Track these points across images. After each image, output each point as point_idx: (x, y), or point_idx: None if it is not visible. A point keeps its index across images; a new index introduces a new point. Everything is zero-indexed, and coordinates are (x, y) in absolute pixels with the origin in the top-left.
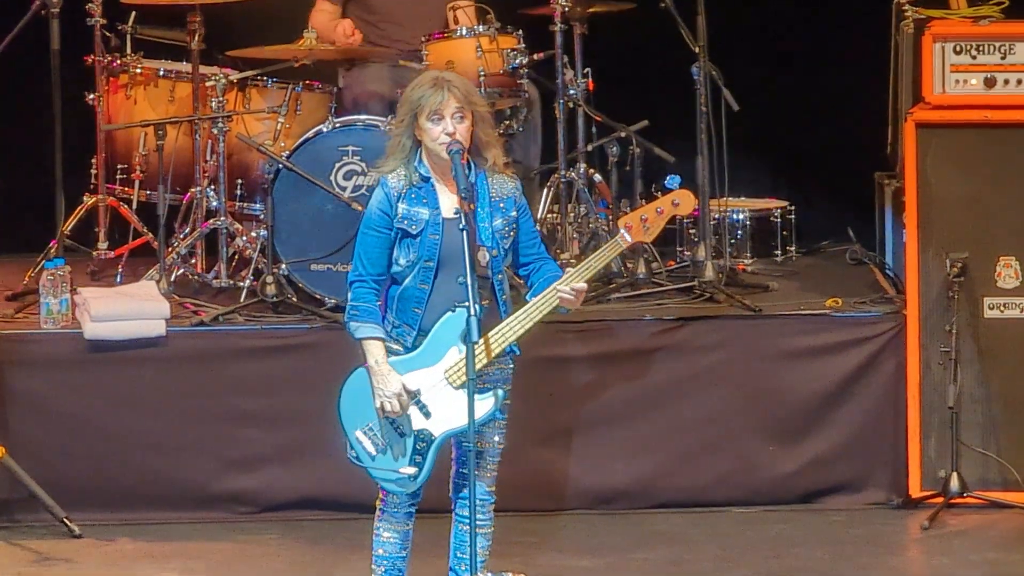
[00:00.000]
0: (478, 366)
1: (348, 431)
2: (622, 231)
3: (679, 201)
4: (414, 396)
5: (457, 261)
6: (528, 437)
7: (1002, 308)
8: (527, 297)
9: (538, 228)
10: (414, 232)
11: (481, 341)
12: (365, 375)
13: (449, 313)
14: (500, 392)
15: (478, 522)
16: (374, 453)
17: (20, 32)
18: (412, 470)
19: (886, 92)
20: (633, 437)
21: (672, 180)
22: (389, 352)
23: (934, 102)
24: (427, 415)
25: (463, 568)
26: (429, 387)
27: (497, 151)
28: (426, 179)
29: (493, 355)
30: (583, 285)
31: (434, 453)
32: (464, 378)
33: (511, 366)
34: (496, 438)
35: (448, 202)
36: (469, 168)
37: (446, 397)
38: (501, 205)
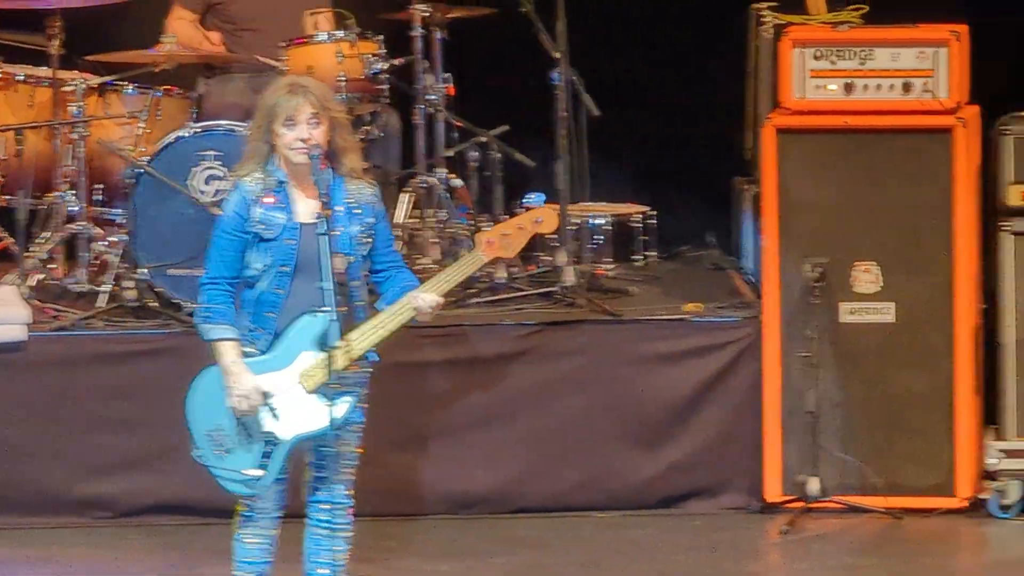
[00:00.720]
0: (327, 374)
1: (195, 430)
2: (482, 246)
3: (542, 219)
4: (265, 398)
5: (313, 266)
6: (388, 442)
7: (860, 313)
8: (378, 306)
9: (398, 233)
10: (269, 237)
11: (336, 346)
12: (215, 375)
13: (304, 317)
14: (355, 396)
15: (336, 526)
16: (221, 454)
17: None
18: (258, 472)
19: (745, 97)
20: (493, 442)
21: (536, 198)
22: (243, 355)
23: (793, 107)
24: (276, 418)
25: (320, 572)
26: (281, 390)
27: (354, 156)
28: (282, 184)
29: (347, 362)
30: (438, 299)
31: (282, 457)
32: (316, 382)
33: (368, 370)
34: (352, 442)
35: (304, 207)
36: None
37: (297, 401)
38: (358, 211)
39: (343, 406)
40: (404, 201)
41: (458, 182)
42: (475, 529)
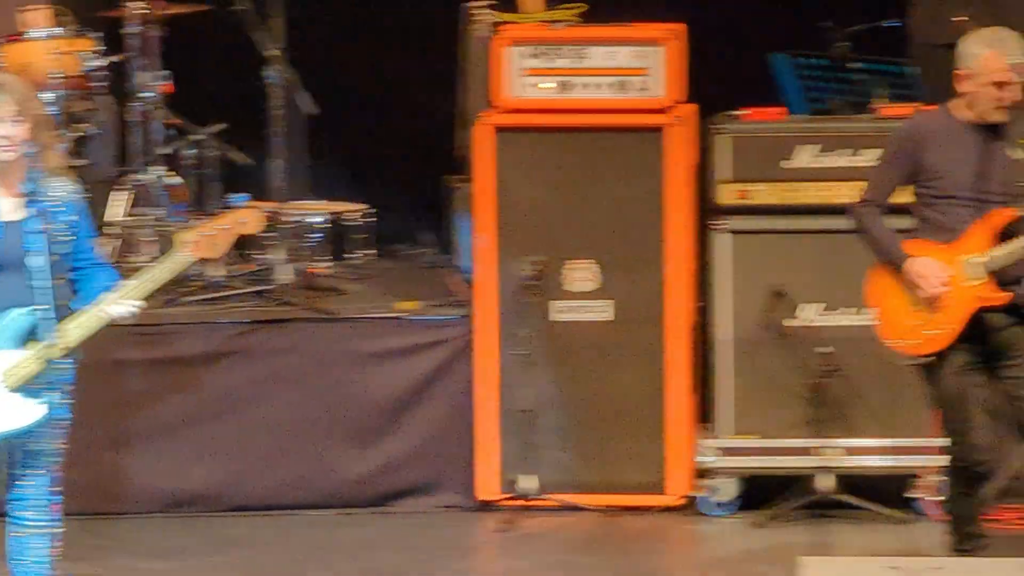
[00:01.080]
0: (31, 371)
1: None
2: (188, 247)
3: (246, 220)
4: None
5: (14, 265)
6: (98, 440)
7: (574, 311)
8: (74, 305)
9: (114, 231)
10: None
11: (49, 343)
12: None
13: (5, 315)
14: (58, 392)
15: (39, 523)
16: None
17: None
18: None
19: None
20: (206, 440)
21: (240, 198)
22: None
23: (507, 106)
24: None
25: (25, 571)
26: None
27: (56, 154)
28: None
29: (57, 357)
30: (131, 310)
31: None
32: (20, 379)
33: (72, 367)
34: (57, 438)
35: (5, 205)
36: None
37: None
38: (61, 208)
39: (44, 405)
40: (120, 199)
41: (175, 180)
42: (188, 527)
